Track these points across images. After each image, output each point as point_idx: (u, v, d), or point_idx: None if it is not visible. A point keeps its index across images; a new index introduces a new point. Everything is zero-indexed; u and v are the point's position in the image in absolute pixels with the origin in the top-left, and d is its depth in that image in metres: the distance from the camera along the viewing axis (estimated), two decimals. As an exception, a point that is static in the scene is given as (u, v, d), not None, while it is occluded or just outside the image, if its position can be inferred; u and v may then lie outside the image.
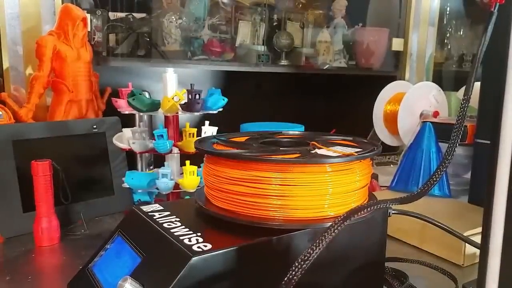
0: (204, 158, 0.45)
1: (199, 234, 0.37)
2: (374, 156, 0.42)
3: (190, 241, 0.35)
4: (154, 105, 0.74)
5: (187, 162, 0.71)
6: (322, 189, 0.38)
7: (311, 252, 0.29)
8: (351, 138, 0.50)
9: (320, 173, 0.38)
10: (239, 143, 0.46)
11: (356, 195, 0.41)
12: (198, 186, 0.73)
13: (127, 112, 0.75)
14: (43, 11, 1.01)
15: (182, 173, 0.73)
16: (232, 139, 0.49)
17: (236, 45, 1.43)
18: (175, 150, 0.75)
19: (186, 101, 0.75)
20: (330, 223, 0.31)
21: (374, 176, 0.93)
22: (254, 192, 0.38)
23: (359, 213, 0.32)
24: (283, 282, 0.29)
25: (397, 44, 1.58)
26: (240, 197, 0.39)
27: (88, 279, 0.41)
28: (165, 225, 0.39)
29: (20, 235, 0.66)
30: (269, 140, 0.49)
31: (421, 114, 0.99)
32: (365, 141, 0.48)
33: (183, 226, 0.39)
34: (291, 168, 0.38)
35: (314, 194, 0.38)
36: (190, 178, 0.71)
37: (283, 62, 1.50)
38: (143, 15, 1.30)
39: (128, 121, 0.90)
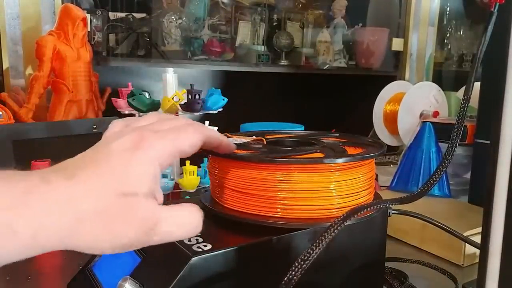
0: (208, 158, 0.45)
1: (199, 234, 0.37)
2: (379, 156, 0.42)
3: (190, 241, 0.35)
4: (154, 105, 0.74)
5: (187, 162, 0.71)
6: (326, 189, 0.38)
7: (311, 252, 0.29)
8: (355, 137, 0.50)
9: (325, 173, 0.38)
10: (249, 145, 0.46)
11: (361, 195, 0.41)
12: (198, 186, 0.73)
13: (127, 112, 0.76)
14: (43, 11, 1.01)
15: (182, 173, 0.73)
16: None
17: (236, 45, 1.44)
18: (175, 150, 0.75)
19: (186, 101, 0.75)
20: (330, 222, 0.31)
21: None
22: (257, 192, 0.38)
23: (359, 213, 0.32)
24: (283, 282, 0.29)
25: (397, 44, 1.58)
26: (242, 196, 0.39)
27: (88, 279, 0.41)
28: (165, 225, 0.39)
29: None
30: (273, 140, 0.49)
31: (421, 114, 0.99)
32: (370, 140, 0.48)
33: (183, 226, 0.39)
34: (295, 169, 0.38)
35: (318, 194, 0.38)
36: (190, 178, 0.71)
37: (283, 62, 1.50)
38: (143, 15, 1.30)
39: (128, 121, 0.90)
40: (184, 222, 0.30)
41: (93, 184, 0.26)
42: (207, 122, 0.79)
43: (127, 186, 0.27)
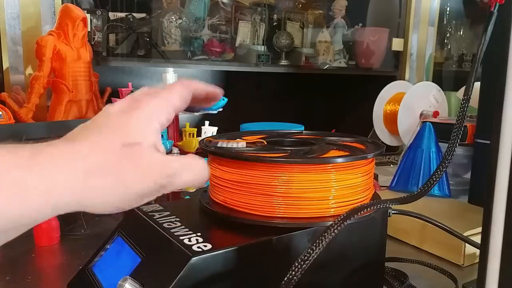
0: (207, 157, 0.45)
1: (199, 234, 0.37)
2: (378, 156, 0.42)
3: (190, 241, 0.35)
4: (154, 105, 0.74)
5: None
6: (326, 189, 0.38)
7: (311, 252, 0.29)
8: (355, 138, 0.50)
9: (324, 173, 0.38)
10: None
11: (360, 195, 0.41)
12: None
13: (127, 112, 0.75)
14: (43, 11, 1.01)
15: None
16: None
17: (236, 45, 1.44)
18: (175, 150, 0.75)
19: (186, 101, 0.75)
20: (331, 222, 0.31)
21: (374, 176, 0.93)
22: (256, 192, 0.38)
23: (359, 213, 0.32)
24: (283, 282, 0.29)
25: (397, 44, 1.58)
26: (242, 196, 0.39)
27: (88, 279, 0.41)
28: (165, 225, 0.39)
29: (20, 235, 0.65)
30: (274, 140, 0.49)
31: (421, 114, 0.99)
32: (369, 140, 0.48)
33: (183, 226, 0.39)
34: (294, 169, 0.38)
35: (317, 194, 0.38)
36: (190, 178, 0.71)
37: (283, 62, 1.50)
38: (143, 15, 1.30)
39: (128, 121, 0.90)
40: (192, 167, 0.31)
41: (96, 141, 0.27)
42: (207, 122, 0.79)
43: (130, 137, 0.28)
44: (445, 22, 1.65)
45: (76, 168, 0.26)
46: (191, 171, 0.31)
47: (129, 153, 0.27)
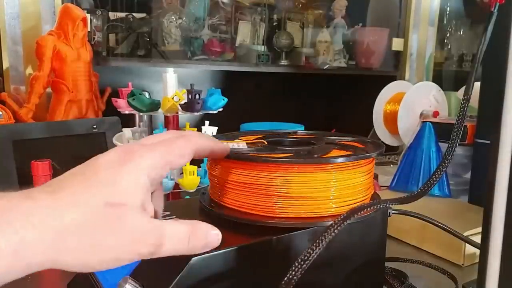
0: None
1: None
2: (378, 155, 0.42)
3: (190, 241, 0.35)
4: (154, 105, 0.74)
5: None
6: (326, 189, 0.38)
7: (311, 252, 0.29)
8: (354, 138, 0.50)
9: (324, 173, 0.38)
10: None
11: (360, 195, 0.41)
12: (198, 186, 0.73)
13: (127, 112, 0.75)
14: (43, 11, 1.01)
15: (182, 173, 0.73)
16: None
17: (236, 45, 1.44)
18: (175, 150, 0.75)
19: (186, 101, 0.75)
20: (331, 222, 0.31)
21: (374, 176, 0.93)
22: (256, 192, 0.38)
23: (359, 213, 0.32)
24: (283, 282, 0.29)
25: (397, 44, 1.58)
26: (242, 196, 0.39)
27: (88, 279, 0.41)
28: (165, 225, 0.39)
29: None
30: (273, 140, 0.49)
31: (421, 114, 0.99)
32: (369, 140, 0.48)
33: (183, 226, 0.39)
34: (294, 169, 0.38)
35: (317, 194, 0.38)
36: (190, 178, 0.71)
37: (283, 62, 1.50)
38: (143, 15, 1.30)
39: (128, 121, 0.91)
40: (179, 237, 0.29)
41: (78, 196, 0.25)
42: (207, 122, 0.79)
43: (116, 196, 0.26)
44: (445, 22, 1.65)
45: (50, 226, 0.24)
46: (177, 244, 0.29)
47: (111, 214, 0.25)
